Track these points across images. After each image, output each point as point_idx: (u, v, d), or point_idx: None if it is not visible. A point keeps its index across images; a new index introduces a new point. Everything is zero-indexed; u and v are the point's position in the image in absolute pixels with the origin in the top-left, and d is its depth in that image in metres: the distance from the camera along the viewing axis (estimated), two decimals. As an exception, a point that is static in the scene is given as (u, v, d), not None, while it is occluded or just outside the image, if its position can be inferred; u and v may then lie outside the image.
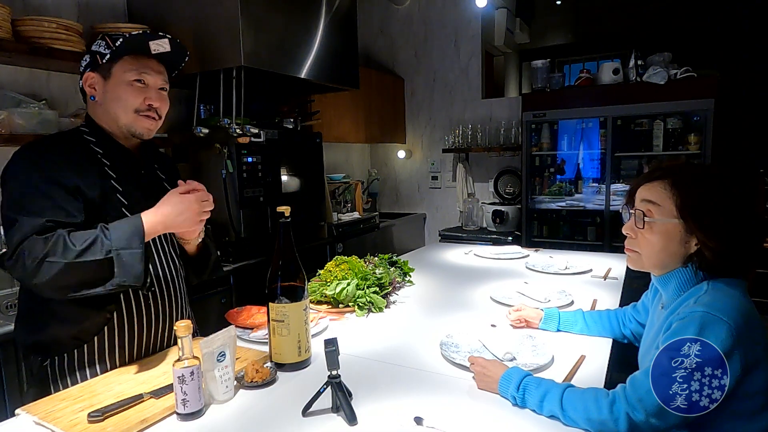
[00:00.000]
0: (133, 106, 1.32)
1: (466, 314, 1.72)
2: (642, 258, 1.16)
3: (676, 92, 3.38)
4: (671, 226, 1.08)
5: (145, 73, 1.33)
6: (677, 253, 1.10)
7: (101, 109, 1.34)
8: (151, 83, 1.35)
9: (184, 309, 1.52)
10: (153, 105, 1.35)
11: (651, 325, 1.25)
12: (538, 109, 3.84)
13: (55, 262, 1.13)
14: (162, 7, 2.61)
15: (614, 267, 2.32)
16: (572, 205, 3.93)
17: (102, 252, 1.16)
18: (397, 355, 1.39)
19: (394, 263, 2.13)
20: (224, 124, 2.64)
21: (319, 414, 1.06)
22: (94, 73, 1.32)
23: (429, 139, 4.90)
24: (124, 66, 1.31)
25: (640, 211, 1.12)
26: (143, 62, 1.33)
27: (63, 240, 1.15)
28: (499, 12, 4.70)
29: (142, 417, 1.03)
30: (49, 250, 1.14)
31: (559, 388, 1.05)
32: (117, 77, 1.31)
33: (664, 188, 1.10)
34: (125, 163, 1.37)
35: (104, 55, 1.29)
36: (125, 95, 1.31)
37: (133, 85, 1.32)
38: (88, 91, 1.34)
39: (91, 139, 1.34)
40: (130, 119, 1.33)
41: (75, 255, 1.14)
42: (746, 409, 0.98)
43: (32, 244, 1.15)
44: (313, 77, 2.92)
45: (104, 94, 1.32)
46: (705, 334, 0.93)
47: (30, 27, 2.07)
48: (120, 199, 1.32)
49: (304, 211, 3.37)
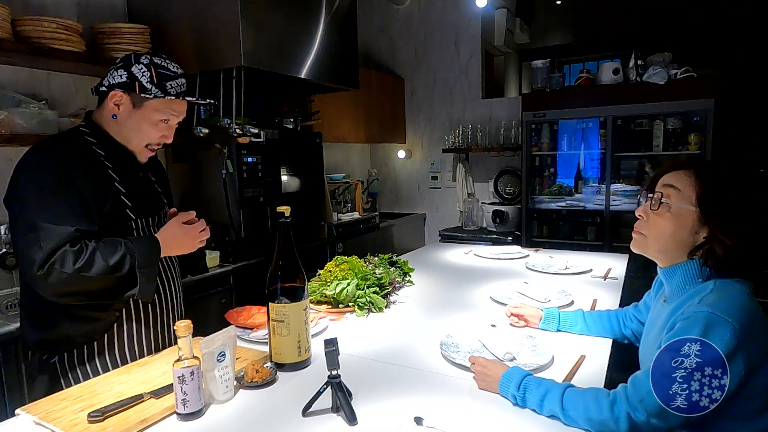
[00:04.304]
0: (147, 141, 1.39)
1: (466, 314, 1.72)
2: (647, 240, 1.15)
3: (676, 92, 3.38)
4: (686, 212, 1.08)
5: (173, 115, 1.38)
6: (685, 242, 1.09)
7: (116, 127, 1.37)
8: (173, 123, 1.41)
9: (182, 307, 1.59)
10: (166, 141, 1.42)
11: (652, 320, 1.24)
12: (538, 109, 3.83)
13: (86, 277, 1.19)
14: (162, 7, 2.61)
15: (614, 267, 2.32)
16: (572, 205, 3.92)
17: (127, 268, 1.24)
18: (397, 355, 1.38)
19: (394, 263, 2.13)
20: (224, 124, 2.63)
21: (319, 414, 1.06)
22: (125, 95, 1.33)
23: (429, 139, 4.90)
24: (157, 105, 1.35)
25: (659, 193, 1.12)
26: (175, 105, 1.38)
27: (96, 254, 1.21)
28: (499, 12, 4.70)
29: (142, 417, 1.03)
30: (84, 263, 1.19)
31: (559, 387, 1.05)
32: (146, 112, 1.35)
33: (688, 176, 1.11)
34: (126, 166, 1.40)
35: (145, 89, 1.31)
36: (147, 130, 1.37)
37: (158, 125, 1.37)
38: (111, 107, 1.35)
39: (92, 141, 1.36)
40: (139, 150, 1.40)
41: (107, 270, 1.21)
42: (747, 410, 0.98)
43: (64, 257, 1.18)
44: (313, 77, 2.92)
45: (127, 120, 1.35)
46: (709, 335, 0.93)
47: (30, 27, 2.07)
48: (124, 201, 1.36)
49: (304, 211, 3.37)
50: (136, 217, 1.38)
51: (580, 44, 6.47)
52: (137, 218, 1.38)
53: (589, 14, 6.21)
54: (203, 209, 2.80)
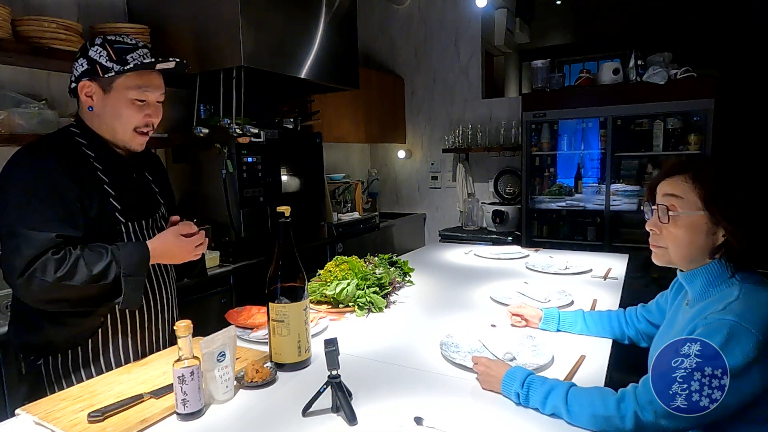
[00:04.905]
0: (133, 125, 1.33)
1: (466, 314, 1.72)
2: (669, 253, 1.14)
3: (676, 92, 3.38)
4: (696, 218, 1.07)
5: (147, 91, 1.32)
6: (704, 246, 1.08)
7: (98, 120, 1.32)
8: (152, 99, 1.34)
9: (174, 312, 1.54)
10: (152, 121, 1.35)
11: (671, 323, 1.22)
12: (538, 109, 3.83)
13: (69, 285, 1.16)
14: (162, 7, 2.61)
15: (614, 267, 2.32)
16: (572, 205, 3.92)
17: (112, 276, 1.20)
18: (397, 355, 1.38)
19: (394, 263, 2.13)
20: (224, 124, 2.64)
21: (319, 414, 1.06)
22: (93, 83, 1.28)
23: (429, 139, 4.90)
24: (126, 82, 1.29)
25: (664, 205, 1.11)
26: (146, 78, 1.31)
27: (79, 262, 1.17)
28: (499, 12, 4.69)
29: (142, 417, 1.03)
30: (67, 272, 1.15)
31: (564, 385, 1.05)
32: (118, 93, 1.29)
33: (685, 181, 1.10)
34: (117, 167, 1.36)
35: (107, 69, 1.26)
36: (126, 113, 1.30)
37: (135, 104, 1.31)
38: (84, 100, 1.30)
39: (82, 142, 1.32)
40: (128, 136, 1.34)
41: (91, 279, 1.17)
42: (762, 415, 0.98)
43: (45, 265, 1.14)
44: (313, 77, 2.92)
45: (103, 108, 1.30)
46: (731, 344, 0.91)
47: (30, 27, 2.07)
48: (114, 203, 1.31)
49: (304, 211, 3.37)
50: (126, 221, 1.33)
51: (580, 44, 6.46)
52: (128, 221, 1.34)
53: (589, 14, 6.21)
54: (203, 209, 2.86)
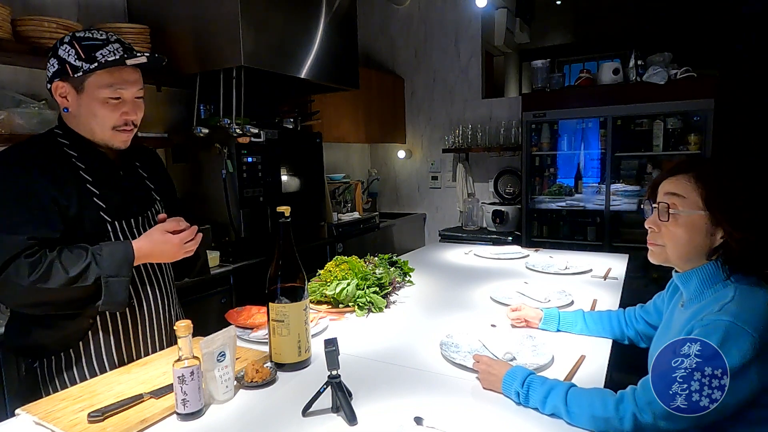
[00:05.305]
0: (110, 125, 1.28)
1: (466, 314, 1.72)
2: (666, 251, 1.14)
3: (676, 92, 3.38)
4: (696, 217, 1.08)
5: (121, 89, 1.26)
6: (702, 246, 1.09)
7: (75, 121, 1.29)
8: (128, 96, 1.29)
9: (173, 311, 1.51)
10: (130, 119, 1.30)
11: (668, 324, 1.22)
12: (538, 109, 3.83)
13: (45, 289, 1.13)
14: (162, 7, 2.61)
15: (614, 267, 2.32)
16: (572, 205, 3.92)
17: (92, 278, 1.17)
18: (397, 355, 1.38)
19: (394, 263, 2.13)
20: (224, 124, 2.64)
21: (319, 414, 1.06)
22: (66, 84, 1.24)
23: (429, 139, 4.90)
24: (98, 81, 1.23)
25: (665, 203, 1.12)
26: (118, 75, 1.25)
27: (55, 265, 1.14)
28: (499, 12, 4.69)
29: (142, 417, 1.03)
30: (41, 275, 1.12)
31: (564, 385, 1.05)
32: (91, 93, 1.24)
33: (688, 181, 1.10)
34: (101, 166, 1.33)
35: (76, 68, 1.21)
36: (101, 113, 1.26)
37: (109, 103, 1.26)
38: (59, 101, 1.27)
39: (64, 142, 1.30)
40: (108, 135, 1.29)
41: (67, 282, 1.15)
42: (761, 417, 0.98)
43: (18, 268, 1.12)
44: (313, 77, 2.92)
45: (78, 108, 1.26)
46: (728, 345, 0.91)
47: (30, 27, 2.07)
48: (97, 203, 1.29)
49: (304, 211, 3.37)
50: (113, 220, 1.30)
51: (580, 44, 6.46)
52: (114, 220, 1.31)
53: (589, 14, 6.20)
54: (203, 209, 2.86)
